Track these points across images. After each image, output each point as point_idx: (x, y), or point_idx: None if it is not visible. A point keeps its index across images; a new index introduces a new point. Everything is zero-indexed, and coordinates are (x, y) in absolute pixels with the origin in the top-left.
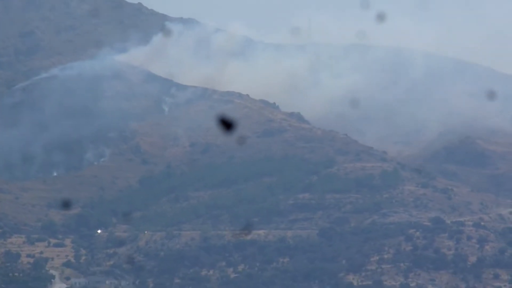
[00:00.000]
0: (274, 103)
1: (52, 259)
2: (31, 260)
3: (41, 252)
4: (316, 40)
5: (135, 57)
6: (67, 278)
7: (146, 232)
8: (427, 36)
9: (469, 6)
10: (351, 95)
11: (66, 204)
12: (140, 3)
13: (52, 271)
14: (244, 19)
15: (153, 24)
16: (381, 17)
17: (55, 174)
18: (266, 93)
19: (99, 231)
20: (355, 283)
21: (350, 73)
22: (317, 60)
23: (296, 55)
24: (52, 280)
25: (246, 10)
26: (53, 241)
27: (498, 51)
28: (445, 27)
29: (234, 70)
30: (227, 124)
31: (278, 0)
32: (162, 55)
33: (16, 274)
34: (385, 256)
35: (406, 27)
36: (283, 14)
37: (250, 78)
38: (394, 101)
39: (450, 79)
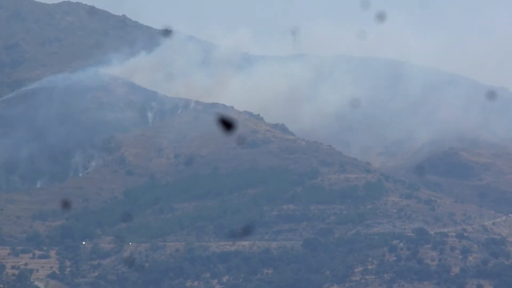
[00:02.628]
0: (259, 114)
1: (37, 270)
2: (16, 272)
3: (26, 264)
4: (313, 51)
5: (120, 68)
6: None
7: (130, 243)
8: (428, 48)
9: (472, 19)
10: (342, 108)
11: (65, 204)
12: (124, 15)
13: (37, 283)
14: (243, 29)
15: (138, 36)
16: (380, 17)
17: (39, 185)
18: (261, 105)
19: (83, 242)
20: None
21: (345, 85)
22: (313, 71)
23: (292, 66)
24: None
25: (245, 20)
26: (38, 252)
27: (497, 65)
28: (446, 40)
29: (229, 81)
30: (227, 124)
31: (277, 9)
32: (147, 67)
33: (1, 285)
34: (369, 267)
35: (407, 39)
36: (282, 24)
37: (244, 90)
38: (381, 112)
39: (442, 92)
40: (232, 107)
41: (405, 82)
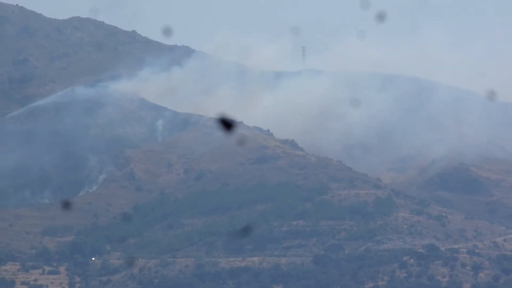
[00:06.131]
0: (268, 130)
1: (47, 286)
2: None
3: (36, 280)
4: (339, 67)
5: (129, 84)
6: None
7: (140, 259)
8: (453, 67)
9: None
10: (360, 125)
11: (66, 205)
12: (134, 31)
13: None
14: (264, 44)
15: (147, 51)
16: (380, 17)
17: (48, 201)
18: (279, 122)
19: (93, 258)
20: None
21: (368, 102)
22: (337, 87)
23: (317, 82)
24: None
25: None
26: (47, 268)
27: None
28: (471, 60)
29: (257, 98)
30: (227, 124)
31: (302, 25)
32: (157, 83)
33: None
34: (380, 283)
35: (435, 57)
36: (309, 40)
37: (264, 107)
38: (396, 129)
39: (461, 109)
40: (241, 122)
41: (427, 99)
